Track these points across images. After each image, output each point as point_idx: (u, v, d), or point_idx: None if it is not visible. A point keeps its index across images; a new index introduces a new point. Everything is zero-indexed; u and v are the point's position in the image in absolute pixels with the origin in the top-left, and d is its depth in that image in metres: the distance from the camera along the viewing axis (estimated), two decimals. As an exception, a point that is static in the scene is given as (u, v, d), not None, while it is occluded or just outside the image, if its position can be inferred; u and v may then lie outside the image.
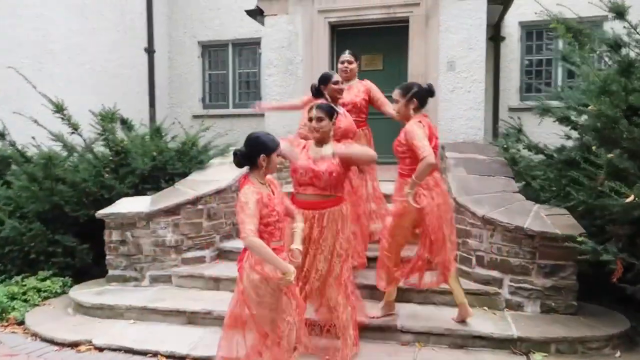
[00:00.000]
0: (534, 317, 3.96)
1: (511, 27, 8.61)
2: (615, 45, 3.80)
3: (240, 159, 2.97)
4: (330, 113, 3.55)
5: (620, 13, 3.75)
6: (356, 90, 4.77)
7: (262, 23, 8.24)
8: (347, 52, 4.89)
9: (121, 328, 4.23)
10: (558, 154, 4.74)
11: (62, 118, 5.81)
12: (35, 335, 4.24)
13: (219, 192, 5.25)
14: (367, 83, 4.87)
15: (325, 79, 4.35)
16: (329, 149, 3.54)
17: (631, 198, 3.04)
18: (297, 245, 3.08)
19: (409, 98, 3.70)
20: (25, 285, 5.08)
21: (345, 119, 4.24)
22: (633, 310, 4.15)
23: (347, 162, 3.49)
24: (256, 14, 8.32)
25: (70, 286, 5.33)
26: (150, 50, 9.45)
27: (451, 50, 7.26)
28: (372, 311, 3.98)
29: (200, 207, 5.06)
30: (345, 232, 3.48)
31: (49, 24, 7.45)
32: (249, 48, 9.99)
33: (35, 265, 5.47)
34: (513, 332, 3.68)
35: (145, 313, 4.36)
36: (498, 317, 3.99)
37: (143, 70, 9.41)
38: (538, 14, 5.06)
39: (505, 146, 5.74)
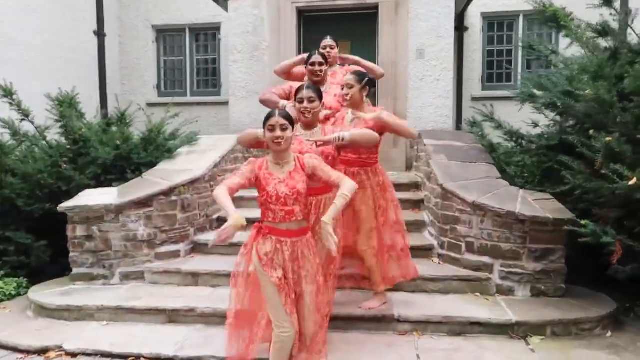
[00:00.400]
0: (525, 301, 3.97)
1: (474, 17, 8.72)
2: (603, 32, 3.85)
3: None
4: (320, 93, 3.35)
5: (608, 0, 3.79)
6: (341, 76, 4.58)
7: (225, 7, 7.88)
8: (328, 37, 4.69)
9: (94, 331, 3.86)
10: (539, 140, 4.78)
11: (11, 103, 5.27)
12: (-7, 342, 3.79)
13: (193, 182, 4.94)
14: (351, 69, 4.70)
15: (307, 59, 4.14)
16: (317, 132, 3.35)
17: (634, 181, 3.07)
18: (326, 218, 2.66)
19: (364, 85, 3.62)
20: (-27, 288, 4.57)
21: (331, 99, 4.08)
22: (612, 290, 4.27)
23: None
24: (218, -3, 7.97)
25: (26, 287, 4.87)
26: (100, 34, 8.77)
27: (420, 38, 7.24)
28: (368, 302, 3.85)
29: (174, 198, 4.73)
30: None
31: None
32: (207, 33, 9.55)
33: (-19, 266, 4.95)
34: (510, 317, 3.66)
35: (120, 313, 4.01)
36: (491, 302, 3.97)
37: (94, 55, 8.74)
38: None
39: (480, 133, 5.78)
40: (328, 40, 4.60)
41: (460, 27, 8.56)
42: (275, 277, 2.75)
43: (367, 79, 3.65)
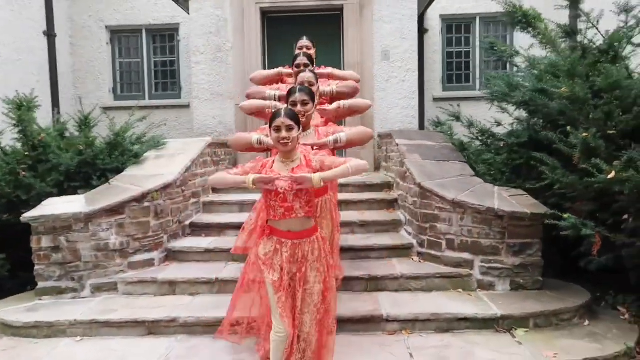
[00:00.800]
0: (506, 295, 4.07)
1: (433, 20, 8.91)
2: (571, 31, 4.01)
3: None
4: (313, 95, 3.31)
5: (575, 1, 3.95)
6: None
7: (186, 8, 7.69)
8: (304, 37, 4.63)
9: (67, 347, 3.63)
10: (508, 138, 4.93)
11: (-40, 106, 4.89)
12: (-47, 367, 3.49)
13: (165, 188, 4.75)
14: (329, 69, 4.66)
15: (293, 60, 4.09)
16: (311, 134, 3.33)
17: (612, 174, 3.20)
18: (317, 175, 2.62)
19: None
20: None
21: None
22: (581, 282, 4.45)
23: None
24: (178, -4, 7.75)
25: (-16, 305, 4.51)
26: (50, 34, 8.36)
27: (385, 39, 7.32)
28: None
29: (146, 204, 4.53)
30: None
31: None
32: (165, 35, 9.27)
33: None
34: (495, 311, 3.74)
35: (95, 327, 3.79)
36: (474, 297, 4.04)
37: (43, 56, 8.29)
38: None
39: (449, 132, 5.90)
40: (304, 41, 4.55)
41: (420, 29, 8.71)
42: (270, 278, 2.68)
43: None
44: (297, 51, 4.52)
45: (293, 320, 2.74)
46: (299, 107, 3.18)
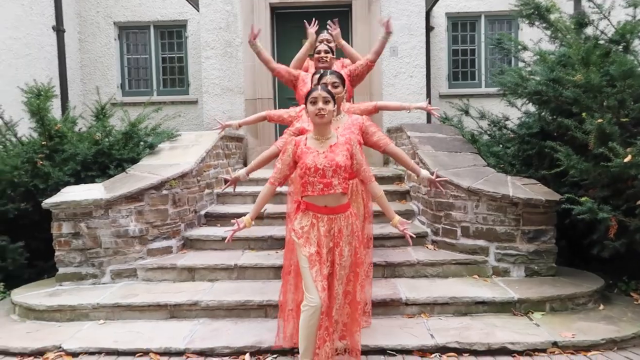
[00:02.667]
0: (521, 281, 4.14)
1: (439, 18, 9.00)
2: (583, 23, 4.09)
3: None
4: (343, 78, 3.34)
5: (587, -8, 4.03)
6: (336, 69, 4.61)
7: (196, 3, 7.75)
8: (325, 31, 4.68)
9: (91, 330, 3.67)
10: (519, 130, 5.01)
11: (-22, 97, 4.93)
12: (-21, 348, 3.53)
13: (182, 177, 4.80)
14: (345, 63, 4.74)
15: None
16: (343, 118, 3.36)
17: (629, 157, 3.28)
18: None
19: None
20: (-54, 294, 4.24)
21: None
22: (593, 269, 4.53)
23: None
24: (188, -8, 7.81)
25: (3, 292, 4.57)
26: (59, 29, 8.41)
27: (393, 35, 7.32)
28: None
29: (165, 192, 4.58)
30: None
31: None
32: (172, 31, 9.32)
33: (-49, 271, 4.60)
34: (512, 295, 3.80)
35: (117, 311, 3.84)
36: (490, 283, 4.11)
37: (52, 51, 8.34)
38: None
39: (460, 125, 5.99)
40: (325, 34, 4.61)
41: (426, 27, 8.81)
42: (307, 252, 2.73)
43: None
44: (318, 45, 4.58)
45: (329, 293, 2.78)
46: (330, 88, 3.24)
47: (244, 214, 2.95)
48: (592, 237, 4.17)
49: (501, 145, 5.45)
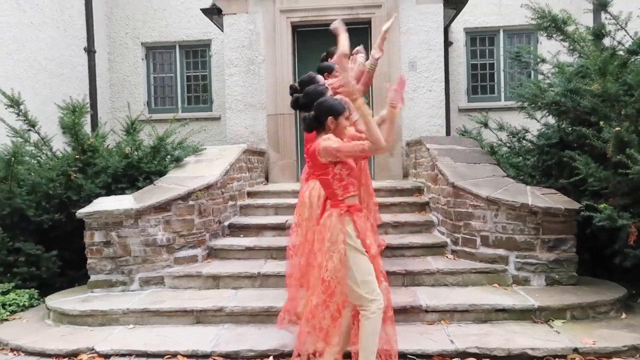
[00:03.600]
0: (541, 289, 4.16)
1: (457, 33, 9.13)
2: (600, 34, 4.17)
3: (310, 121, 2.89)
4: None
5: (603, 4, 4.12)
6: None
7: (220, 23, 8.03)
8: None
9: (121, 334, 3.83)
10: (538, 141, 5.07)
11: (18, 114, 5.23)
12: (17, 350, 3.72)
13: (208, 188, 4.98)
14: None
15: (328, 69, 4.33)
16: None
17: (650, 163, 3.32)
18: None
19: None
20: (-15, 300, 4.45)
21: None
22: (615, 280, 4.51)
23: None
24: (212, 13, 8.10)
25: (38, 299, 4.78)
26: (90, 50, 8.80)
27: (412, 50, 7.55)
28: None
29: (191, 202, 4.76)
30: None
31: (-18, 14, 6.70)
32: (197, 50, 9.65)
33: (-11, 278, 4.83)
34: (532, 303, 3.83)
35: (146, 316, 3.99)
36: (510, 291, 4.14)
37: (83, 71, 8.72)
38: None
39: (479, 137, 6.06)
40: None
41: (445, 42, 8.94)
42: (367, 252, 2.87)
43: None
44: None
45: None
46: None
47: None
48: (614, 246, 4.18)
49: (520, 157, 5.50)
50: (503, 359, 3.31)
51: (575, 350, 3.32)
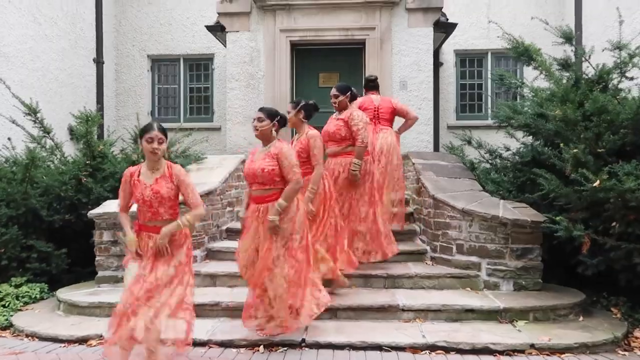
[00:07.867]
0: (509, 294, 4.58)
1: (448, 54, 9.63)
2: (566, 64, 4.64)
3: None
4: (270, 114, 3.88)
5: (569, 38, 4.59)
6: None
7: (223, 39, 8.51)
8: (333, 88, 5.00)
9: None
10: (514, 158, 5.52)
11: (35, 121, 5.66)
12: (32, 335, 4.11)
13: (208, 194, 5.40)
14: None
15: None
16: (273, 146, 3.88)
17: (598, 182, 3.76)
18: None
19: (298, 109, 4.39)
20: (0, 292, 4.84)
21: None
22: (579, 287, 4.92)
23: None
24: (216, 29, 8.59)
25: (48, 292, 5.16)
26: (99, 61, 9.28)
27: (403, 71, 8.03)
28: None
29: (192, 207, 5.16)
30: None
31: (1, 26, 7.14)
32: (200, 63, 10.13)
33: (3, 272, 5.21)
34: (499, 304, 4.25)
35: (149, 309, 4.38)
36: (481, 295, 4.56)
37: (91, 80, 9.20)
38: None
39: (461, 154, 6.51)
40: (333, 91, 4.97)
41: (436, 63, 9.43)
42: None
43: (300, 105, 4.40)
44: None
45: None
46: (255, 123, 3.86)
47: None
48: (579, 257, 4.60)
49: (499, 173, 5.94)
50: (468, 352, 3.72)
51: (532, 345, 3.73)
